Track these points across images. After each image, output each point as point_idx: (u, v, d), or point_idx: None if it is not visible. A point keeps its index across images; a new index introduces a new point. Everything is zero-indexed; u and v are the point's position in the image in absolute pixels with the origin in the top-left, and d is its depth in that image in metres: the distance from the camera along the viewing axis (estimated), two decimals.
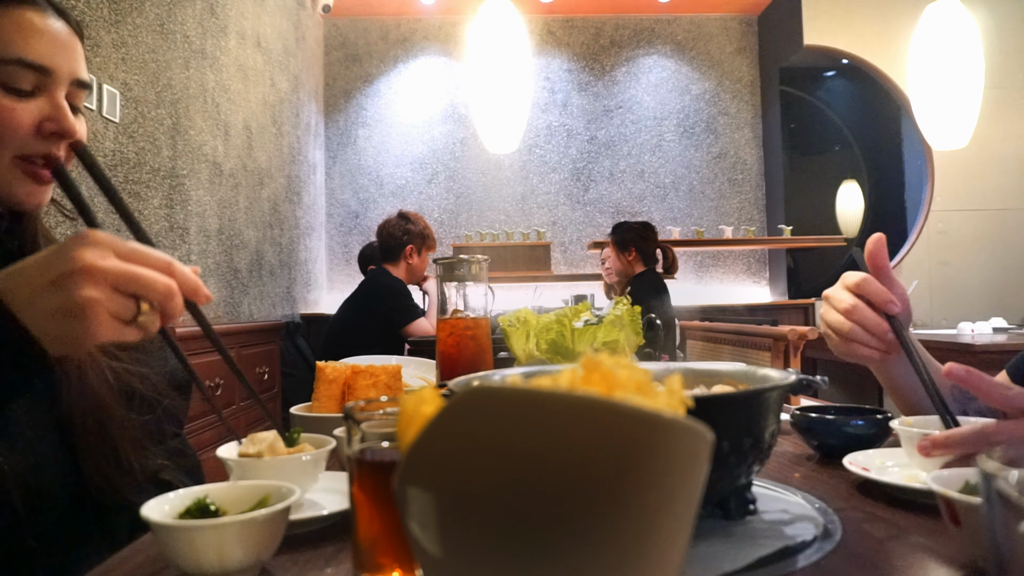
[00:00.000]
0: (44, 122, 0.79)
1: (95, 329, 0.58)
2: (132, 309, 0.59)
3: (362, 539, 0.53)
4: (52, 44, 0.80)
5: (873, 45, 4.91)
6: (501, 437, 0.31)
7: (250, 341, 3.13)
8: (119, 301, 0.58)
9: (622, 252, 3.61)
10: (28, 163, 0.80)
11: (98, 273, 0.57)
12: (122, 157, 2.42)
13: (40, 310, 0.58)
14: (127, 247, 0.60)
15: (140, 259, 0.60)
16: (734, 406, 0.58)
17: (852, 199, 6.37)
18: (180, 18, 2.90)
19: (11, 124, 0.77)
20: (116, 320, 0.59)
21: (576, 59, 5.52)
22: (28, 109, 0.78)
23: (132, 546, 0.66)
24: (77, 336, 0.58)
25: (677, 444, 0.31)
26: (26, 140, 0.78)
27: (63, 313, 0.57)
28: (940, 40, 3.73)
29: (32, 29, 0.79)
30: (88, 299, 0.56)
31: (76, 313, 0.57)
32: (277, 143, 4.23)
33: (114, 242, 0.59)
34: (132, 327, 0.60)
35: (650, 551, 0.32)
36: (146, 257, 0.61)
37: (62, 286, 0.57)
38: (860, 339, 0.90)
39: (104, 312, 0.57)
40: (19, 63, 0.77)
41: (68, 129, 0.80)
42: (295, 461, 0.72)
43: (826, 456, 0.89)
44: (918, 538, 0.60)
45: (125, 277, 0.58)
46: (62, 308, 0.57)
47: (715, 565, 0.54)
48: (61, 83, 0.81)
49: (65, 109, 0.81)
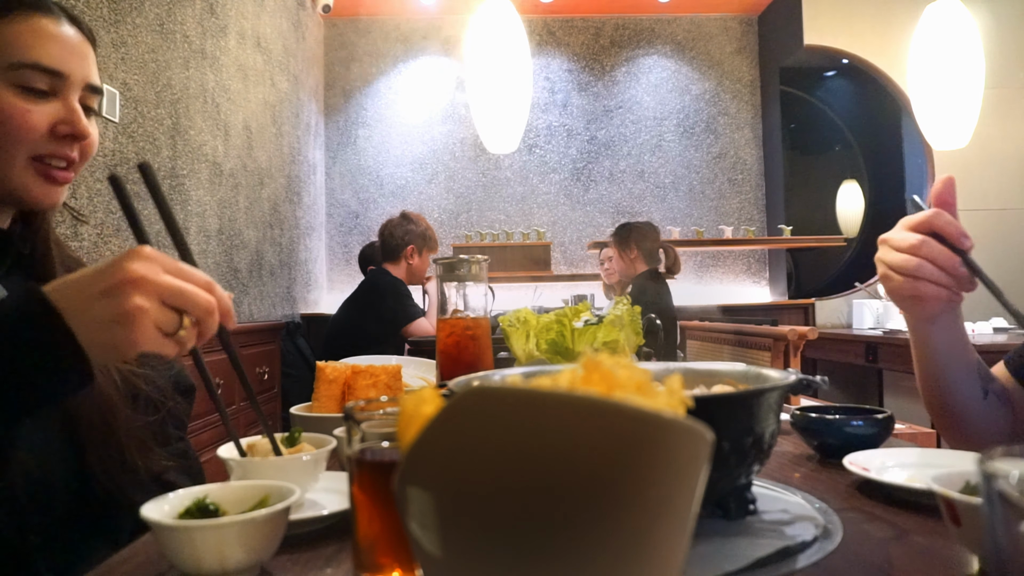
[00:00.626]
0: (58, 124, 0.83)
1: (139, 337, 0.61)
2: (175, 322, 0.63)
3: (362, 539, 0.53)
4: (65, 49, 0.84)
5: (873, 45, 4.91)
6: (501, 437, 0.30)
7: (250, 341, 3.13)
8: (165, 313, 0.62)
9: (624, 251, 3.60)
10: (43, 164, 0.83)
11: (148, 285, 0.61)
12: (122, 157, 2.42)
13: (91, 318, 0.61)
14: (175, 264, 0.65)
15: (186, 276, 0.64)
16: (734, 406, 0.58)
17: (852, 199, 6.36)
18: (180, 18, 2.90)
19: (27, 125, 0.81)
20: (159, 331, 0.62)
21: (576, 59, 5.52)
22: (43, 112, 0.82)
23: (132, 546, 0.66)
24: (121, 343, 0.61)
25: (677, 444, 0.31)
26: (41, 141, 0.82)
27: (112, 321, 0.60)
28: (940, 40, 3.73)
29: (47, 35, 0.83)
30: (137, 307, 0.60)
31: (124, 321, 0.60)
32: (277, 143, 4.23)
33: (163, 258, 0.64)
34: (171, 340, 0.64)
35: (650, 551, 0.32)
36: (191, 275, 0.65)
37: (114, 295, 0.60)
38: (930, 276, 0.84)
39: (150, 322, 0.61)
40: (35, 67, 0.81)
41: (81, 131, 0.84)
42: (295, 461, 0.72)
43: (826, 456, 0.89)
44: (918, 538, 0.60)
45: (172, 291, 0.62)
46: (112, 316, 0.60)
47: (715, 565, 0.54)
48: (74, 87, 0.85)
49: (79, 112, 0.85)
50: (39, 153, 0.82)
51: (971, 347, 0.97)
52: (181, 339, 0.64)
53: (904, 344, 3.64)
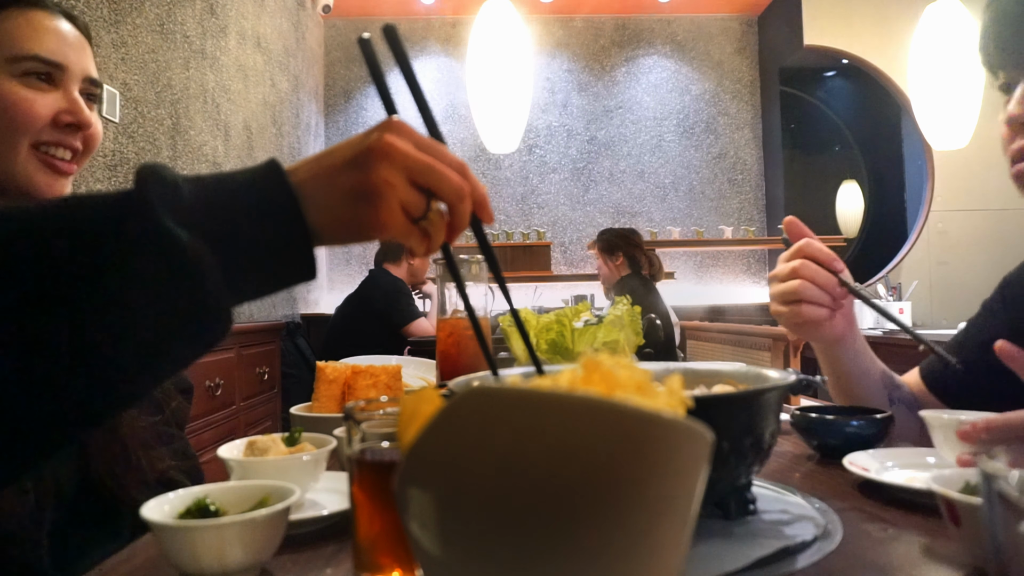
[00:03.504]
0: (61, 114, 0.85)
1: (384, 215, 0.54)
2: (422, 205, 0.55)
3: (362, 539, 0.53)
4: (63, 42, 0.86)
5: (873, 45, 4.91)
6: (501, 437, 0.30)
7: (250, 341, 3.13)
8: (412, 192, 0.55)
9: (609, 258, 3.63)
10: (46, 155, 0.85)
11: (396, 154, 0.54)
12: (122, 157, 2.42)
13: (337, 189, 0.54)
14: (427, 140, 0.57)
15: (437, 154, 0.56)
16: (734, 406, 0.58)
17: (852, 199, 6.37)
18: (180, 18, 2.90)
19: (32, 114, 0.83)
20: (404, 213, 0.55)
21: (576, 59, 5.52)
22: (46, 102, 0.84)
23: (132, 546, 0.66)
24: (365, 221, 0.54)
25: (677, 444, 0.31)
26: (44, 130, 0.84)
27: (356, 194, 0.54)
28: (940, 40, 3.73)
29: (44, 28, 0.85)
30: (383, 180, 0.53)
31: (370, 195, 0.53)
32: (277, 143, 4.23)
33: (415, 133, 0.57)
34: (417, 228, 0.56)
35: (650, 551, 0.32)
36: (443, 153, 0.57)
37: (360, 166, 0.54)
38: (811, 296, 0.91)
39: (395, 199, 0.54)
40: (35, 59, 0.83)
41: (85, 120, 0.86)
42: (295, 461, 0.72)
43: (826, 456, 0.89)
44: (918, 538, 0.60)
45: (421, 164, 0.55)
46: (356, 187, 0.54)
47: (715, 565, 0.54)
48: (74, 79, 0.87)
49: (80, 102, 0.86)
50: (42, 140, 0.84)
51: (875, 361, 1.04)
52: (427, 228, 0.57)
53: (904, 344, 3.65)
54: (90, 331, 0.45)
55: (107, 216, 0.47)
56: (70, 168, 0.87)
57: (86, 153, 0.88)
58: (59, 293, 0.45)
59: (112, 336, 0.46)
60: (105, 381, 0.47)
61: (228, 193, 0.52)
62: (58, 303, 0.45)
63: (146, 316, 0.46)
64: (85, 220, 0.47)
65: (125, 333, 0.46)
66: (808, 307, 0.92)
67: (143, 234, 0.46)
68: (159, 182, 0.48)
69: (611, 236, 3.67)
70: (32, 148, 0.84)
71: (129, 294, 0.46)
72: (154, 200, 0.47)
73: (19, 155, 0.83)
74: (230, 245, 0.50)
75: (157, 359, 0.49)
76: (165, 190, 0.48)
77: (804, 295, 0.91)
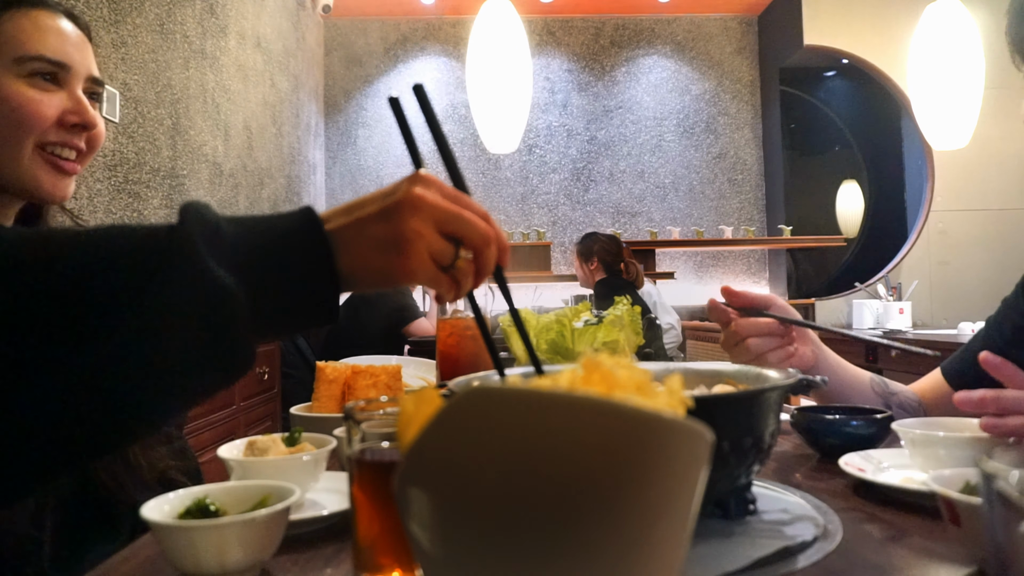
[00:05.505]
0: (66, 114, 0.85)
1: (414, 264, 0.56)
2: (450, 252, 0.58)
3: (362, 539, 0.53)
4: (67, 42, 0.86)
5: (873, 45, 4.91)
6: (501, 437, 0.30)
7: None
8: (440, 241, 0.57)
9: (585, 263, 3.65)
10: (51, 155, 0.85)
11: (425, 206, 0.56)
12: (122, 157, 2.42)
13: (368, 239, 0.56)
14: (452, 190, 0.60)
15: (464, 203, 0.59)
16: (734, 406, 0.58)
17: (852, 199, 6.36)
18: (180, 18, 2.90)
19: (39, 114, 0.83)
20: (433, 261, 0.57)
21: (576, 59, 5.51)
22: (52, 102, 0.84)
23: (132, 546, 0.66)
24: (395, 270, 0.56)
25: (677, 444, 0.31)
26: (50, 131, 0.84)
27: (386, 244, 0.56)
28: (940, 40, 3.73)
29: (47, 28, 0.85)
30: (413, 231, 0.55)
31: (399, 245, 0.55)
32: (277, 143, 4.23)
33: (441, 184, 0.59)
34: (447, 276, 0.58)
35: (650, 551, 0.32)
36: (469, 203, 0.59)
37: (390, 217, 0.56)
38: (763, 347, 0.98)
39: (424, 249, 0.56)
40: (39, 59, 0.84)
41: (90, 120, 0.86)
42: (295, 461, 0.72)
43: (826, 456, 0.89)
44: (918, 539, 0.60)
45: (450, 216, 0.57)
46: (387, 239, 0.55)
47: (715, 565, 0.54)
48: (78, 78, 0.87)
49: (85, 102, 0.87)
50: (48, 141, 0.84)
51: (860, 374, 1.10)
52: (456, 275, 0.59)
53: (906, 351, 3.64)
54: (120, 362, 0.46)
55: (152, 249, 0.48)
56: (74, 168, 0.87)
57: (89, 152, 0.89)
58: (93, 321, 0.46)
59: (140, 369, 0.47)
60: (126, 411, 0.48)
61: (266, 238, 0.53)
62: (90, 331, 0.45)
63: (176, 351, 0.47)
64: (128, 251, 0.48)
65: (153, 366, 0.47)
66: (771, 354, 0.99)
67: (186, 271, 0.47)
68: (201, 221, 0.49)
69: (588, 242, 3.73)
70: (37, 148, 0.84)
71: (163, 329, 0.47)
72: (197, 238, 0.48)
73: (24, 155, 0.83)
74: (262, 288, 0.51)
75: (179, 392, 0.50)
76: (207, 229, 0.49)
77: (758, 349, 0.98)
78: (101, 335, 0.46)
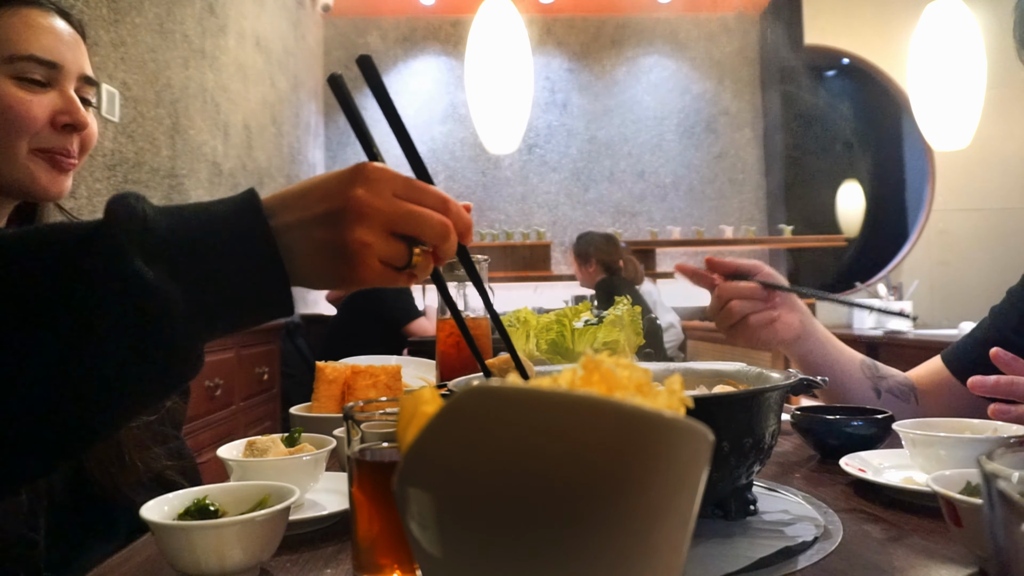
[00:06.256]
0: (58, 115, 0.84)
1: (363, 273, 0.53)
2: (404, 256, 0.55)
3: (362, 539, 0.53)
4: (59, 41, 0.85)
5: (873, 44, 4.91)
6: (501, 437, 0.30)
7: (250, 341, 3.13)
8: (392, 246, 0.54)
9: (583, 264, 3.64)
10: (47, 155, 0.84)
11: (373, 215, 0.53)
12: (121, 157, 2.42)
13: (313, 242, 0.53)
14: (404, 183, 0.55)
15: (417, 196, 0.55)
16: (734, 406, 0.58)
17: (852, 199, 6.35)
18: (179, 17, 2.90)
19: (29, 115, 0.82)
20: (386, 266, 0.55)
21: (576, 59, 5.51)
22: (42, 103, 0.83)
23: (132, 546, 0.66)
24: (345, 277, 0.54)
25: (677, 444, 0.31)
26: (42, 133, 0.83)
27: (333, 250, 0.53)
28: (941, 39, 3.73)
29: (39, 27, 0.84)
30: (359, 242, 0.52)
31: (344, 254, 0.53)
32: (277, 143, 4.23)
33: (391, 178, 0.55)
34: (402, 275, 0.56)
35: (650, 551, 0.32)
36: (423, 194, 0.55)
37: (335, 223, 0.53)
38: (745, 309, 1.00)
39: (374, 257, 0.53)
40: (31, 59, 0.82)
41: (81, 121, 0.85)
42: (295, 461, 0.72)
43: (826, 456, 0.89)
44: (919, 539, 0.60)
45: (397, 215, 0.53)
46: (332, 244, 0.53)
47: (715, 565, 0.53)
48: (70, 78, 0.86)
49: (76, 102, 0.86)
50: (40, 147, 0.83)
51: (849, 353, 1.09)
52: (413, 272, 0.56)
53: (904, 344, 3.63)
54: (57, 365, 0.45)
55: (73, 251, 0.47)
56: (71, 164, 0.87)
57: (83, 152, 0.88)
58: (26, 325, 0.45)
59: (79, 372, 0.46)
60: (74, 415, 0.47)
61: (204, 228, 0.50)
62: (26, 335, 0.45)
63: (111, 354, 0.46)
64: (51, 254, 0.47)
65: (91, 369, 0.46)
66: (752, 316, 1.00)
67: (106, 271, 0.46)
68: (130, 215, 0.48)
69: (584, 244, 3.71)
70: (33, 152, 0.83)
71: (93, 331, 0.45)
72: (120, 235, 0.47)
73: (19, 155, 0.82)
74: (204, 281, 0.49)
75: (125, 396, 0.48)
76: (134, 224, 0.47)
77: (741, 311, 1.00)
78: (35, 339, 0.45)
